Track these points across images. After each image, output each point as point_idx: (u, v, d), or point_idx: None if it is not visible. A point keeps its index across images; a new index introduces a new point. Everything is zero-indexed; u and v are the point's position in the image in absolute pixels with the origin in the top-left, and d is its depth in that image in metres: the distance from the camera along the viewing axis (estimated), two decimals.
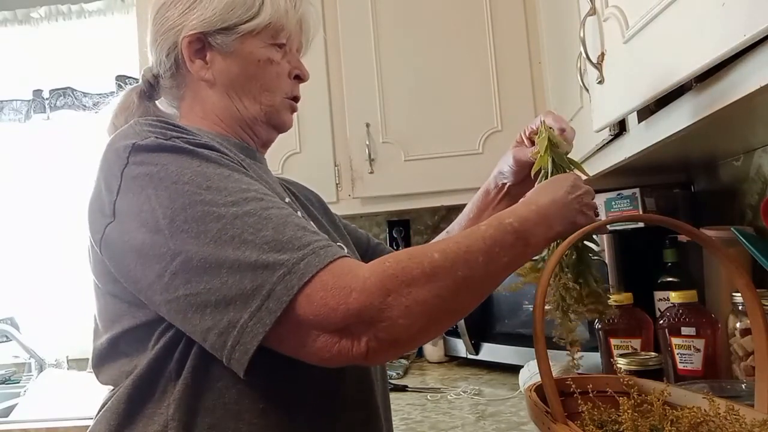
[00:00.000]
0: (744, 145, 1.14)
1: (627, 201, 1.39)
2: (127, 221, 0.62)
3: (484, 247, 0.62)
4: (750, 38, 0.49)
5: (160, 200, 0.60)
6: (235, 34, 0.77)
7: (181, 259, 0.58)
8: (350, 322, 0.56)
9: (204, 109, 0.80)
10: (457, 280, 0.60)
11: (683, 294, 1.03)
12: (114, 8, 2.48)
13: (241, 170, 0.65)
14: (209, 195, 0.60)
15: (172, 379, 0.64)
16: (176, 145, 0.63)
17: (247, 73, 0.79)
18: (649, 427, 0.59)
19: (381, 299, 0.56)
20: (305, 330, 0.57)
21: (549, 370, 0.60)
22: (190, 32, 0.77)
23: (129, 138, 0.64)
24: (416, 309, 0.57)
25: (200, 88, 0.80)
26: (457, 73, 1.82)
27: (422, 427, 1.19)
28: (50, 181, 2.46)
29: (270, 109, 0.81)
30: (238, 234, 0.58)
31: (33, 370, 2.24)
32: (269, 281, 0.56)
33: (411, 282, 0.57)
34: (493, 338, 1.64)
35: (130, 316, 0.66)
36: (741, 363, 0.97)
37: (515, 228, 0.64)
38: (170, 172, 0.61)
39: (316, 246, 0.58)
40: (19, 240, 2.47)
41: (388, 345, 0.58)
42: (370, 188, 1.86)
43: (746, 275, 0.64)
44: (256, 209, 0.60)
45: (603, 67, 0.88)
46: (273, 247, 0.57)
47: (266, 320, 0.56)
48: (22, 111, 2.49)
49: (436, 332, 0.65)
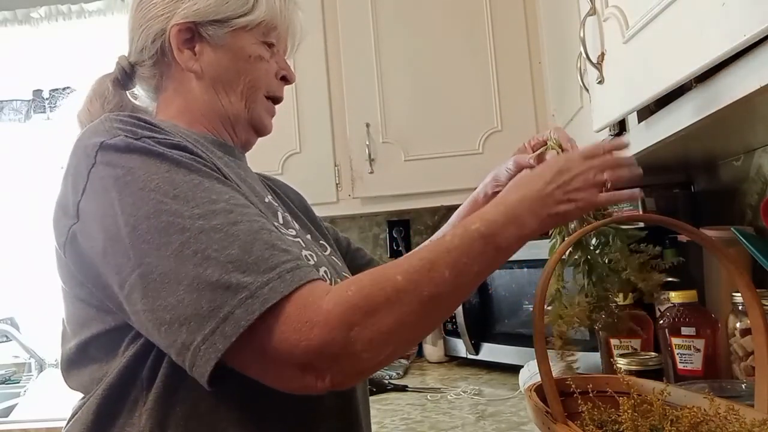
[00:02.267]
0: (744, 145, 1.14)
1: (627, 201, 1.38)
2: (90, 224, 0.60)
3: (450, 260, 0.59)
4: (750, 38, 0.49)
5: (124, 206, 0.57)
6: (227, 27, 0.75)
7: (140, 272, 0.56)
8: (312, 359, 0.54)
9: (185, 103, 0.77)
10: (424, 301, 0.57)
11: (683, 294, 1.03)
12: (114, 8, 2.48)
13: (214, 175, 0.61)
14: (175, 205, 0.57)
15: (143, 388, 0.62)
16: (146, 146, 0.60)
17: (236, 67, 0.76)
18: (649, 427, 0.59)
19: (344, 334, 0.54)
20: (267, 360, 0.55)
21: (549, 370, 0.60)
22: (180, 20, 0.74)
23: (98, 135, 0.61)
24: (380, 339, 0.55)
25: (184, 80, 0.77)
26: (457, 73, 1.82)
27: (422, 427, 1.19)
28: (50, 181, 2.46)
29: (253, 108, 0.79)
30: (202, 249, 0.55)
31: (33, 370, 2.24)
32: (228, 303, 0.53)
33: (374, 311, 0.55)
34: (493, 338, 1.64)
35: (99, 321, 0.64)
36: (741, 363, 0.97)
37: (482, 233, 0.61)
38: (137, 176, 0.58)
39: (282, 269, 0.55)
40: (20, 240, 2.47)
41: (355, 376, 0.58)
42: (370, 188, 1.86)
43: (746, 275, 0.64)
44: (223, 224, 0.56)
45: (603, 67, 0.88)
46: (237, 267, 0.54)
47: (219, 345, 0.53)
48: (22, 111, 2.49)
49: (405, 351, 0.63)
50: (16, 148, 2.51)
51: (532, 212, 0.65)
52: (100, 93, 0.79)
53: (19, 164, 2.50)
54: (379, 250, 2.25)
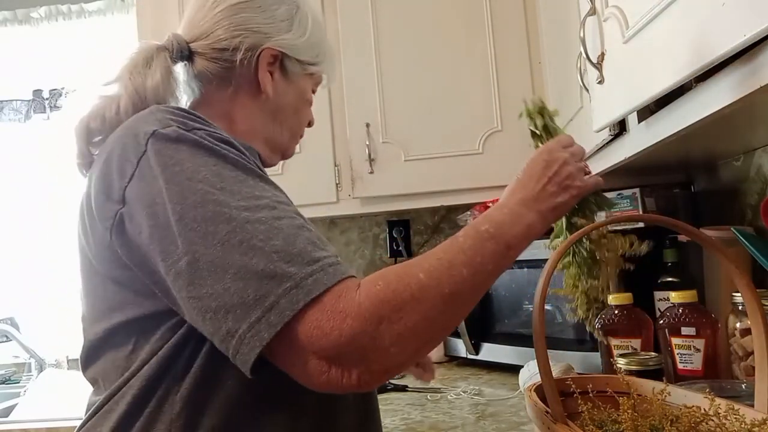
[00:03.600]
0: (744, 145, 1.14)
1: (627, 201, 1.39)
2: (137, 210, 0.60)
3: (465, 259, 0.61)
4: (750, 38, 0.49)
5: (171, 195, 0.58)
6: (303, 69, 0.84)
7: (187, 260, 0.56)
8: (342, 350, 0.54)
9: (233, 112, 0.80)
10: (445, 298, 0.59)
11: (683, 294, 1.03)
12: (114, 8, 2.48)
13: (258, 173, 0.63)
14: (222, 196, 0.58)
15: (178, 378, 0.62)
16: (196, 138, 0.61)
17: (296, 105, 0.85)
18: (649, 427, 0.59)
19: (374, 326, 0.55)
20: (297, 350, 0.55)
21: (549, 370, 0.60)
22: (276, 46, 0.80)
23: (150, 124, 0.63)
24: (407, 334, 0.56)
25: (247, 94, 0.80)
26: (457, 73, 1.82)
27: (422, 427, 1.19)
28: (50, 181, 2.46)
29: (291, 144, 0.88)
30: (247, 239, 0.56)
31: (33, 370, 2.24)
32: (274, 293, 0.54)
33: (401, 307, 0.56)
34: (493, 338, 1.64)
35: (136, 305, 0.64)
36: (741, 363, 0.97)
37: (492, 234, 0.64)
38: (186, 167, 0.59)
39: (325, 263, 0.57)
40: (19, 240, 2.47)
41: (381, 374, 0.58)
42: (370, 188, 1.86)
43: (746, 275, 0.64)
44: (267, 217, 0.58)
45: (603, 67, 0.88)
46: (282, 258, 0.55)
47: (264, 333, 0.53)
48: (22, 111, 2.49)
49: (429, 351, 0.64)
50: (16, 148, 2.51)
51: (533, 210, 0.69)
52: (147, 58, 0.77)
53: (19, 164, 2.50)
54: (379, 250, 2.25)
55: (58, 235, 2.40)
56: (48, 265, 2.42)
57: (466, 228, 0.66)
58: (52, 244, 2.41)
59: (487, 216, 0.67)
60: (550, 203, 0.70)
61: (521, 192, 0.70)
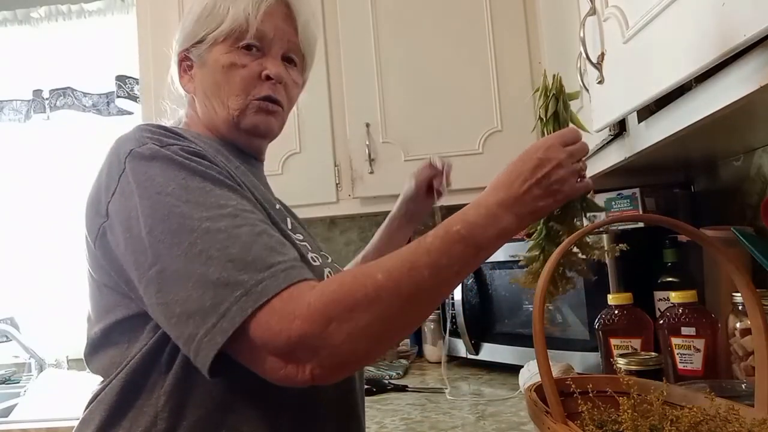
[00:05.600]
0: (744, 145, 1.14)
1: (627, 201, 1.39)
2: (116, 224, 0.65)
3: (429, 261, 0.61)
4: (750, 38, 0.49)
5: (143, 209, 0.63)
6: (205, 45, 0.82)
7: (156, 269, 0.61)
8: (293, 348, 0.57)
9: (197, 117, 0.85)
10: (403, 299, 0.60)
11: (683, 294, 1.03)
12: (114, 8, 2.48)
13: (226, 183, 0.66)
14: (186, 208, 0.62)
15: (162, 371, 0.66)
16: (168, 154, 0.65)
17: (214, 79, 0.81)
18: (649, 427, 0.59)
19: (323, 327, 0.57)
20: (255, 350, 0.59)
21: (549, 370, 0.60)
22: (179, 51, 0.84)
23: (129, 144, 0.67)
24: (359, 334, 0.58)
25: (192, 99, 0.86)
26: (457, 73, 1.82)
27: (422, 427, 1.19)
28: (50, 181, 2.46)
29: (237, 113, 0.80)
30: (206, 249, 0.59)
31: (33, 370, 2.24)
32: (227, 300, 0.58)
33: (354, 307, 0.58)
34: (493, 338, 1.64)
35: (123, 306, 0.68)
36: (741, 363, 0.97)
37: (463, 236, 0.63)
38: (156, 182, 0.64)
39: (277, 269, 0.59)
40: (19, 240, 2.47)
41: (334, 370, 0.60)
42: (370, 188, 1.86)
43: (746, 275, 0.64)
44: (228, 226, 0.61)
45: (603, 67, 0.88)
46: (236, 266, 0.59)
47: (218, 339, 0.57)
48: (22, 111, 2.49)
49: (386, 350, 0.66)
50: (16, 148, 2.51)
51: (511, 213, 0.67)
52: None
53: (18, 164, 2.50)
54: None
55: (57, 235, 2.40)
56: (48, 265, 2.42)
57: (438, 227, 0.65)
58: (52, 244, 2.41)
59: (461, 215, 0.66)
60: (531, 207, 0.67)
61: (504, 191, 0.67)
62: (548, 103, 0.77)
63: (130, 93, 2.40)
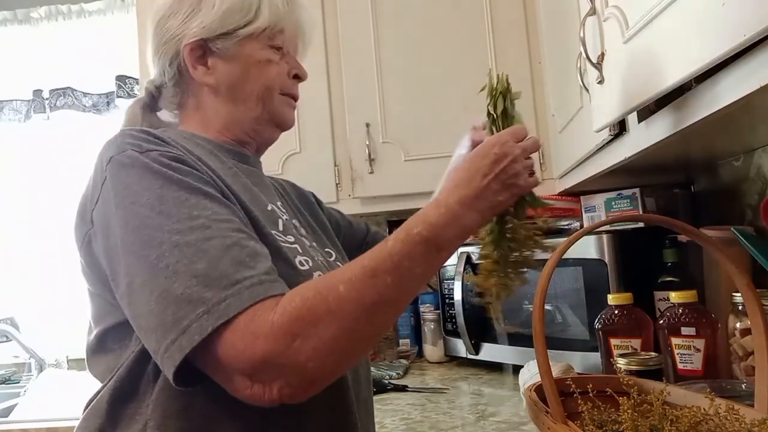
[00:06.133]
0: (744, 145, 1.14)
1: (627, 201, 1.39)
2: (98, 232, 0.65)
3: (391, 266, 0.61)
4: (750, 38, 0.49)
5: (118, 219, 0.62)
6: (234, 38, 0.79)
7: (126, 282, 0.61)
8: (258, 368, 0.57)
9: (205, 116, 0.82)
10: (367, 309, 0.59)
11: (683, 294, 1.03)
12: (114, 8, 2.48)
13: (203, 190, 0.64)
14: (158, 219, 0.61)
15: (150, 380, 0.66)
16: (146, 162, 0.64)
17: (248, 74, 0.80)
18: (649, 427, 0.59)
19: (286, 345, 0.56)
20: (221, 368, 0.58)
21: (549, 370, 0.60)
22: (191, 39, 0.79)
23: (110, 150, 0.66)
24: (324, 349, 0.57)
25: (203, 95, 0.82)
26: (457, 73, 1.82)
27: (422, 427, 1.19)
28: (50, 181, 2.46)
29: (272, 107, 0.82)
30: (173, 263, 0.58)
31: (33, 370, 2.24)
32: (188, 317, 0.56)
33: (316, 323, 0.57)
34: (493, 338, 1.64)
35: (112, 314, 0.68)
36: (741, 363, 0.97)
37: (424, 237, 0.63)
38: (132, 191, 0.63)
39: (243, 285, 0.58)
40: (19, 240, 2.47)
41: (303, 388, 0.59)
42: (370, 188, 1.86)
43: (746, 275, 0.64)
44: (197, 239, 0.59)
45: (603, 67, 0.88)
46: (200, 282, 0.57)
47: (176, 355, 0.56)
48: (22, 111, 2.49)
49: (355, 360, 0.65)
50: (16, 148, 2.51)
51: (473, 209, 0.67)
52: (133, 120, 0.85)
53: (18, 164, 2.50)
54: None
55: (58, 235, 2.40)
56: (48, 265, 2.42)
57: (398, 230, 0.65)
58: (52, 244, 2.41)
59: (422, 216, 0.65)
60: (492, 201, 0.68)
61: (464, 188, 0.67)
62: (496, 101, 0.79)
63: (130, 93, 2.40)
